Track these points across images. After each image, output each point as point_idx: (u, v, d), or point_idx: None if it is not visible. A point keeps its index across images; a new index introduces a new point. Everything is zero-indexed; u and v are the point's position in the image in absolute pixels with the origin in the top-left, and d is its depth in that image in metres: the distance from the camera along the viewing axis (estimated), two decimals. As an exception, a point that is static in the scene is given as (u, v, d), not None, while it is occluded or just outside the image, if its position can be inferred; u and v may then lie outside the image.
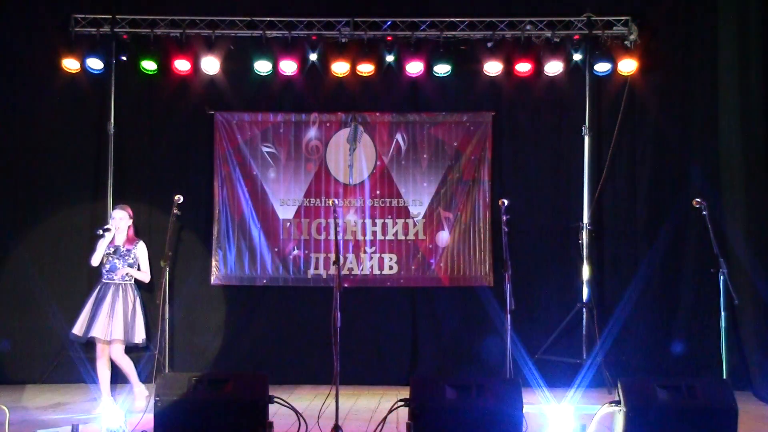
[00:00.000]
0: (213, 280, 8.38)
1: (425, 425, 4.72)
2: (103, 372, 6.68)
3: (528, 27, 8.13)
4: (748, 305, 7.36)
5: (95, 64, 8.13)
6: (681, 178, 8.28)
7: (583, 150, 8.17)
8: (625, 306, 8.29)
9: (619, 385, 4.88)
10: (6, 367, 8.07)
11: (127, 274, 6.70)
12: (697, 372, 7.82)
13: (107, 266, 6.66)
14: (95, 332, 6.51)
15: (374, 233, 8.42)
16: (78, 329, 6.58)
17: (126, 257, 6.70)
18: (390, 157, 8.48)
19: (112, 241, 6.71)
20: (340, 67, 8.18)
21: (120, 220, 6.71)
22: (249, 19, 8.19)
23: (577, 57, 8.14)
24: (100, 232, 6.70)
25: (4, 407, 5.40)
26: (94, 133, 8.37)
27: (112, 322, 6.56)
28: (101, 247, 6.64)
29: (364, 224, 8.43)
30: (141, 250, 6.80)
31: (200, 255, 8.40)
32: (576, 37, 8.12)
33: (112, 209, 6.90)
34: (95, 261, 6.67)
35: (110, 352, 6.64)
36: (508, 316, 6.20)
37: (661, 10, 8.34)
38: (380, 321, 8.40)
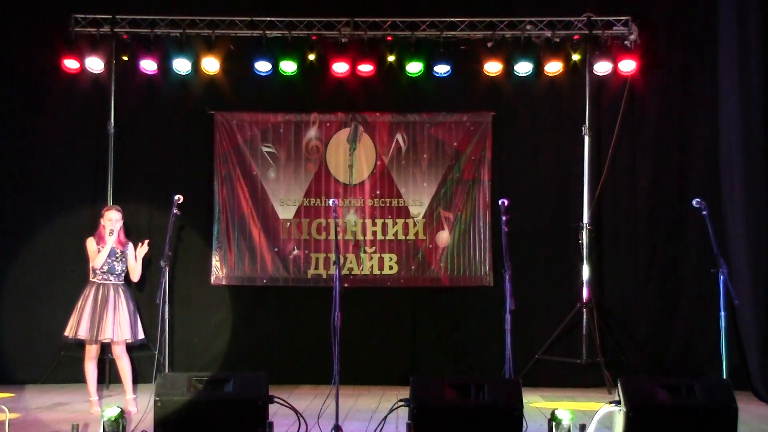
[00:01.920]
0: (213, 280, 8.39)
1: (425, 425, 4.72)
2: (94, 373, 6.68)
3: (528, 27, 8.13)
4: (748, 305, 7.35)
5: (95, 64, 8.13)
6: (681, 178, 8.28)
7: (583, 150, 8.17)
8: (625, 306, 8.30)
9: (619, 385, 4.88)
10: (6, 367, 8.07)
11: (121, 273, 6.74)
12: (697, 372, 7.82)
13: (105, 267, 6.66)
14: (107, 334, 6.53)
15: (374, 233, 8.42)
16: (84, 332, 6.53)
17: (122, 258, 6.72)
18: (390, 157, 8.48)
19: (104, 243, 6.70)
20: (340, 67, 8.18)
21: (116, 222, 6.71)
22: (249, 19, 8.19)
23: (576, 57, 8.14)
24: (113, 234, 6.72)
25: (4, 407, 5.39)
26: (94, 133, 8.37)
27: (120, 323, 6.59)
28: (107, 249, 6.65)
29: (364, 224, 8.43)
30: (131, 252, 6.83)
31: (200, 255, 8.40)
32: (576, 37, 8.12)
33: (106, 210, 6.85)
34: (99, 263, 6.68)
35: (116, 351, 6.66)
36: (508, 316, 6.19)
37: (661, 10, 8.34)
38: (380, 321, 8.39)
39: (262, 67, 8.17)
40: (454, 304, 8.40)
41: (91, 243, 6.73)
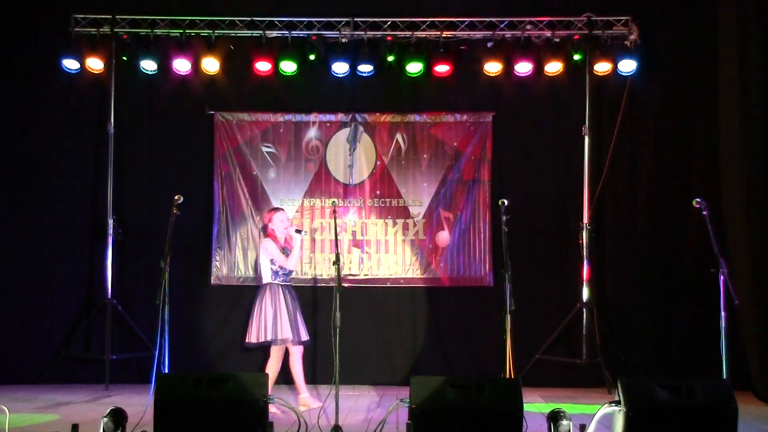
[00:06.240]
0: (213, 280, 8.39)
1: (425, 425, 4.72)
2: (294, 370, 6.78)
3: (528, 27, 8.13)
4: (748, 305, 7.35)
5: (95, 64, 8.14)
6: (681, 178, 8.28)
7: (583, 150, 8.16)
8: (625, 306, 8.30)
9: (619, 385, 4.88)
10: (6, 367, 8.07)
11: (290, 273, 6.89)
12: (697, 372, 7.81)
13: (287, 269, 6.78)
14: (285, 335, 6.61)
15: (374, 233, 8.42)
16: (270, 335, 6.59)
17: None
18: (390, 157, 8.48)
19: (277, 243, 6.79)
20: (340, 67, 8.18)
21: (288, 221, 6.86)
22: (249, 19, 8.19)
23: (577, 57, 8.14)
24: (303, 233, 6.90)
25: (4, 407, 5.40)
26: (94, 133, 8.37)
27: (300, 323, 6.75)
28: (297, 249, 6.81)
29: (364, 224, 8.43)
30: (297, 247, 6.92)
31: (200, 255, 8.40)
32: (576, 37, 8.11)
33: (274, 213, 6.92)
34: (294, 263, 6.81)
35: (295, 352, 6.73)
36: (508, 316, 6.20)
37: (661, 10, 8.35)
38: (380, 321, 8.39)
39: (262, 67, 8.17)
40: (454, 304, 8.40)
41: (272, 246, 6.74)
